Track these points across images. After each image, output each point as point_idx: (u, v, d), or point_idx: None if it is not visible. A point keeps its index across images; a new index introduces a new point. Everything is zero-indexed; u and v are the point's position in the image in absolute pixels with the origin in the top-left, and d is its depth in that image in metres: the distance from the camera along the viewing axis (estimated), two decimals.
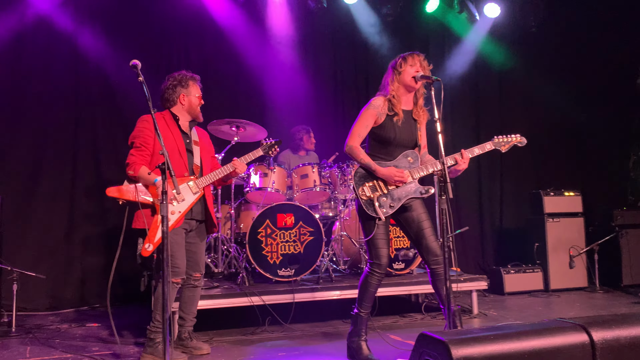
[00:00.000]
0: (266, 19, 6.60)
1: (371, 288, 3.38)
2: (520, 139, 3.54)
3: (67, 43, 5.80)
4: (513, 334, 2.19)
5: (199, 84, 3.80)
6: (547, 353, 2.16)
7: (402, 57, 3.43)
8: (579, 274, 6.16)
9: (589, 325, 2.25)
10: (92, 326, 4.71)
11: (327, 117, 6.84)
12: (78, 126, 5.82)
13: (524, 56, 7.30)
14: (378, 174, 3.31)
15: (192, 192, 3.55)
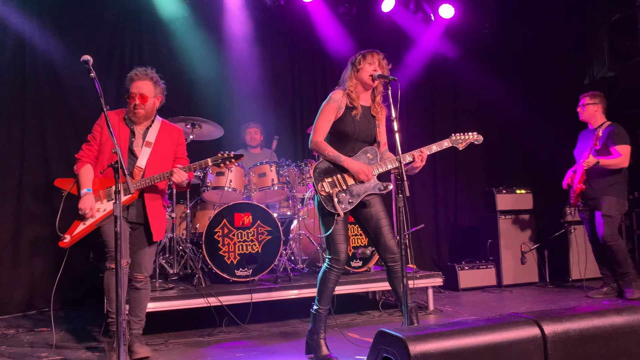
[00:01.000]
0: (222, 16, 6.53)
1: (330, 284, 3.39)
2: (477, 136, 3.63)
3: (14, 38, 5.57)
4: (468, 330, 2.23)
5: (135, 82, 3.64)
6: (502, 347, 2.21)
7: (361, 55, 3.46)
8: (530, 269, 6.35)
9: (540, 319, 2.32)
10: (41, 331, 4.55)
11: (285, 113, 6.82)
12: (25, 124, 5.59)
13: (476, 57, 7.47)
14: (346, 165, 3.32)
15: (123, 194, 3.35)
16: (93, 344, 4.02)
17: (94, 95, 5.69)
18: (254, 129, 5.99)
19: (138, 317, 3.68)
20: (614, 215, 5.10)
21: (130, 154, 3.58)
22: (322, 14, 6.94)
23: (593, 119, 5.35)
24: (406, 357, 2.06)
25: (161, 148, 3.69)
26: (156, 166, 3.63)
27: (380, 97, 3.54)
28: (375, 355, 2.30)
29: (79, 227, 3.43)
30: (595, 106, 5.31)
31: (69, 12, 5.84)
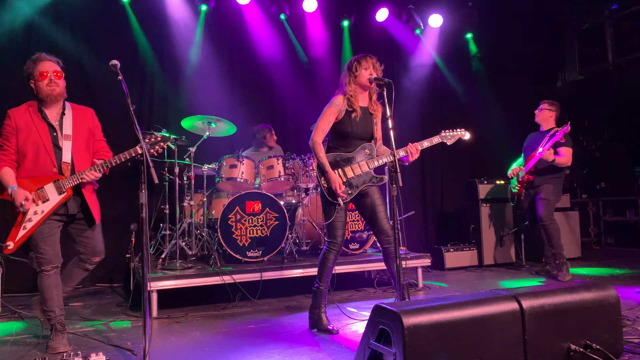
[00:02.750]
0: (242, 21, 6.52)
1: (329, 263, 3.42)
2: (464, 132, 3.62)
3: (48, 45, 5.54)
4: (455, 304, 2.25)
5: (40, 62, 3.19)
6: (484, 319, 2.23)
7: (356, 61, 3.44)
8: (508, 251, 6.37)
9: (519, 296, 2.34)
10: (74, 305, 4.57)
11: (290, 112, 6.81)
12: None
13: (459, 62, 7.47)
14: (328, 174, 3.31)
15: (57, 193, 3.12)
16: (122, 317, 4.03)
17: (120, 97, 5.70)
18: (272, 132, 5.96)
19: (71, 288, 3.44)
20: (552, 199, 5.26)
21: (56, 149, 3.17)
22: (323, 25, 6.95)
23: (546, 123, 5.46)
24: (400, 328, 2.08)
25: (80, 136, 3.30)
26: (81, 156, 3.28)
27: (376, 96, 3.53)
28: (372, 327, 2.31)
29: (20, 232, 3.05)
30: (550, 112, 5.45)
31: (97, 21, 5.81)
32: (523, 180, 5.41)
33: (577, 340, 2.35)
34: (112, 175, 5.71)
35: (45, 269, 3.18)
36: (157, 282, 4.01)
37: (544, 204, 5.21)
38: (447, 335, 2.15)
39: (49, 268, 3.19)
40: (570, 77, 7.92)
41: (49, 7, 5.53)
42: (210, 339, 3.32)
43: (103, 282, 5.61)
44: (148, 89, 6.07)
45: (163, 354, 3.00)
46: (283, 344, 3.14)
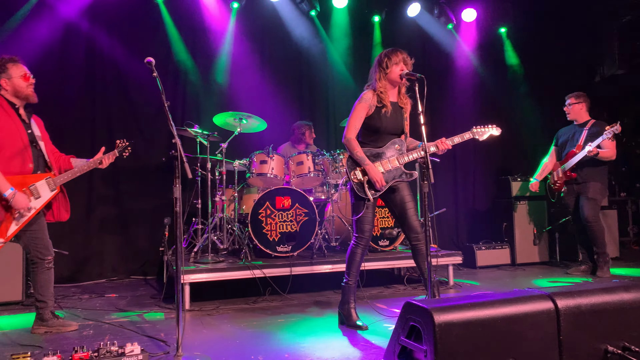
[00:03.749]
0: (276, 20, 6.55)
1: (357, 258, 3.42)
2: (496, 128, 3.56)
3: (86, 46, 5.71)
4: (487, 302, 2.21)
5: (20, 64, 3.27)
6: (517, 318, 2.18)
7: (386, 55, 3.39)
8: (541, 250, 6.24)
9: (554, 295, 2.28)
10: (110, 297, 4.70)
11: (320, 108, 6.81)
12: (95, 120, 5.75)
13: (493, 57, 7.32)
14: (367, 169, 3.31)
15: (49, 190, 3.22)
16: (155, 309, 4.12)
17: (153, 93, 5.82)
18: (312, 128, 5.98)
19: (52, 295, 3.44)
20: (598, 198, 5.18)
21: (33, 148, 3.22)
22: (353, 20, 6.92)
23: (579, 116, 5.36)
24: (431, 325, 2.06)
25: (45, 136, 3.42)
26: (52, 155, 3.39)
27: (405, 89, 3.49)
28: (403, 323, 2.30)
29: (12, 227, 3.08)
30: (580, 105, 5.34)
31: (132, 20, 5.93)
32: (564, 177, 5.29)
33: (615, 342, 2.28)
34: (146, 169, 5.89)
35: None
36: (190, 275, 4.08)
37: (591, 204, 5.13)
38: (479, 333, 2.12)
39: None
40: (609, 71, 7.64)
41: (87, 7, 5.68)
42: (241, 331, 3.37)
43: (137, 275, 5.75)
44: (181, 85, 6.17)
45: (195, 345, 3.05)
46: (313, 339, 3.16)
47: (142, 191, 5.88)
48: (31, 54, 5.40)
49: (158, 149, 5.94)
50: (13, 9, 5.39)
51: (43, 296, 3.39)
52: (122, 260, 5.77)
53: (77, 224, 5.57)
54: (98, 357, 2.49)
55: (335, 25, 6.88)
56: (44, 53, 5.47)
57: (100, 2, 5.72)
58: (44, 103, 5.41)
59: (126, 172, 5.82)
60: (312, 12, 6.68)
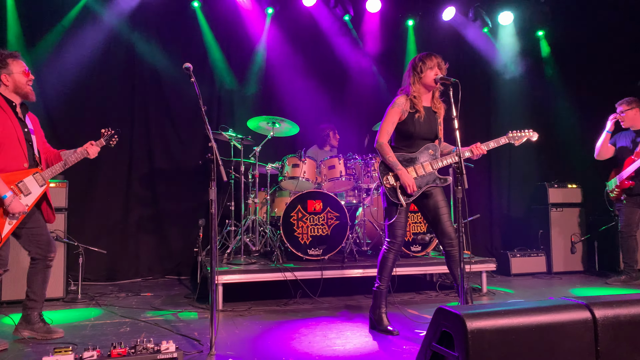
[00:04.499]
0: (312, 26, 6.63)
1: (389, 263, 3.41)
2: (533, 133, 3.51)
3: (125, 51, 5.90)
4: (522, 310, 2.18)
5: (20, 60, 3.22)
6: (553, 328, 2.15)
7: (421, 60, 3.36)
8: (579, 258, 6.07)
9: (591, 304, 2.23)
10: (145, 295, 4.82)
11: (352, 112, 6.84)
12: (134, 124, 5.92)
13: (530, 60, 7.18)
14: (399, 174, 3.30)
15: (39, 185, 3.19)
16: (189, 308, 4.21)
17: (190, 98, 5.95)
18: (336, 130, 6.02)
19: (44, 297, 3.39)
20: None
21: (28, 145, 3.20)
22: (386, 25, 6.93)
23: (635, 122, 5.20)
24: (463, 332, 2.04)
25: (38, 133, 3.38)
26: (43, 152, 3.38)
27: (439, 94, 3.47)
28: (434, 329, 2.29)
29: (6, 227, 3.04)
30: (634, 110, 5.17)
31: (171, 26, 6.10)
32: (621, 185, 5.13)
33: None
34: (181, 172, 6.03)
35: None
36: (223, 276, 4.16)
37: None
38: (513, 341, 2.09)
39: (1, 272, 3.19)
40: None
41: (128, 14, 5.88)
42: (272, 333, 3.41)
43: (172, 275, 5.89)
44: (216, 89, 6.31)
45: (228, 345, 3.11)
46: (343, 342, 3.17)
47: (177, 193, 6.03)
48: (76, 59, 5.64)
49: (193, 152, 6.08)
50: (60, 15, 5.63)
51: (35, 295, 3.32)
52: (157, 260, 5.93)
53: (114, 224, 5.76)
54: (135, 354, 2.57)
55: (369, 29, 6.89)
56: (88, 58, 5.70)
57: (140, 9, 5.91)
58: (86, 107, 5.69)
59: (162, 174, 5.98)
60: (345, 17, 6.72)
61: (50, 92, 5.49)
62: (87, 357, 2.50)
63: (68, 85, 5.59)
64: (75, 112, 5.63)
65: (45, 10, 5.58)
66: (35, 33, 5.53)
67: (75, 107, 5.64)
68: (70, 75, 5.60)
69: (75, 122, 5.62)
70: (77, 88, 5.63)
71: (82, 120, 5.62)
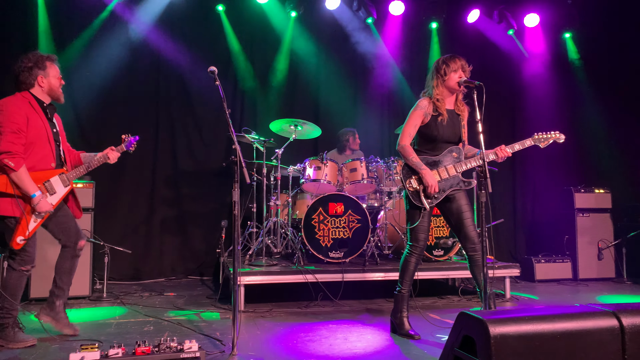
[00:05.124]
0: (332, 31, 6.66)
1: (410, 267, 3.39)
2: (559, 135, 3.45)
3: (150, 54, 6.01)
4: (546, 316, 2.15)
5: (56, 64, 3.31)
6: (578, 335, 2.11)
7: (444, 63, 3.33)
8: (607, 265, 5.94)
9: (619, 312, 2.19)
10: (169, 295, 4.89)
11: (374, 115, 6.83)
12: (158, 125, 6.02)
13: (556, 62, 7.07)
14: (422, 173, 3.28)
15: (64, 186, 3.26)
16: (211, 309, 4.26)
17: (213, 100, 6.01)
18: (357, 134, 6.00)
19: (69, 286, 3.42)
20: None
21: (56, 144, 3.27)
22: (410, 27, 6.90)
23: None
24: (486, 337, 2.02)
25: (62, 133, 3.43)
26: (68, 153, 3.43)
27: (462, 96, 3.44)
28: (456, 334, 2.27)
29: (31, 225, 3.09)
30: None
31: (196, 30, 6.19)
32: None
33: None
34: (205, 173, 6.10)
35: (26, 268, 3.19)
36: (245, 277, 4.20)
37: None
38: (537, 348, 2.06)
39: (29, 268, 3.21)
40: None
41: (154, 18, 5.99)
42: (294, 335, 3.42)
43: (194, 275, 5.96)
44: (239, 92, 6.37)
45: (249, 346, 3.14)
46: (364, 345, 3.17)
47: (200, 194, 6.11)
48: (104, 63, 5.77)
49: (216, 154, 6.16)
50: (88, 20, 5.77)
51: (62, 282, 3.37)
52: (180, 261, 6.01)
53: (139, 224, 5.86)
54: (159, 352, 2.62)
55: (392, 32, 6.88)
56: (115, 62, 5.81)
57: (166, 14, 6.02)
58: (113, 109, 5.81)
59: (186, 175, 6.07)
60: (368, 20, 6.73)
61: (78, 95, 5.63)
62: (112, 354, 2.55)
63: (95, 87, 5.71)
64: (102, 114, 5.75)
65: (75, 15, 5.72)
66: (64, 37, 5.67)
67: (103, 109, 5.76)
68: (97, 78, 5.73)
69: (102, 123, 5.74)
70: (104, 90, 5.75)
71: (109, 122, 5.73)
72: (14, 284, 3.16)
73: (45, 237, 3.47)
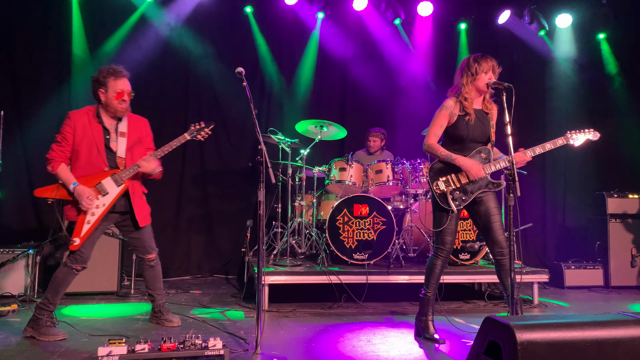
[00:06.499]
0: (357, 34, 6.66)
1: (436, 269, 3.35)
2: (594, 133, 3.34)
3: (181, 54, 6.10)
4: (576, 323, 2.11)
5: (120, 78, 3.43)
6: (609, 344, 2.06)
7: (476, 62, 3.25)
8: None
9: None
10: (194, 293, 4.96)
11: (400, 117, 6.78)
12: (187, 123, 6.09)
13: (588, 62, 6.90)
14: (458, 162, 3.23)
15: (116, 185, 3.33)
16: (235, 307, 4.30)
17: (241, 101, 6.06)
18: (374, 137, 5.96)
19: (159, 290, 3.68)
20: None
21: (107, 151, 3.38)
22: (438, 28, 6.85)
23: None
24: (513, 343, 1.99)
25: (134, 136, 3.52)
26: (134, 154, 3.48)
27: (489, 95, 3.36)
28: (482, 339, 2.24)
29: (85, 227, 3.24)
30: None
31: (224, 31, 6.27)
32: None
33: None
34: (232, 173, 6.16)
35: (76, 267, 3.32)
36: (269, 277, 4.22)
37: None
38: (566, 356, 2.02)
39: (79, 268, 3.33)
40: None
41: (183, 20, 6.09)
42: (317, 336, 3.43)
43: (219, 274, 6.03)
44: (266, 93, 6.42)
45: (273, 345, 3.15)
46: (387, 348, 3.15)
47: (227, 194, 6.18)
48: (135, 63, 5.87)
49: (243, 154, 6.22)
50: (120, 21, 5.91)
51: (148, 289, 3.67)
52: (206, 259, 6.09)
53: (167, 222, 5.95)
54: (184, 349, 2.66)
55: (420, 33, 6.83)
56: (145, 62, 5.90)
57: (195, 15, 6.11)
58: (144, 108, 5.86)
59: (213, 175, 6.15)
60: (396, 21, 6.70)
61: None
62: (139, 349, 2.60)
63: None
64: (133, 112, 5.86)
65: (108, 17, 5.87)
66: (97, 38, 5.82)
67: (134, 108, 5.86)
68: (129, 78, 5.84)
69: None
70: (136, 90, 5.85)
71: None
72: (60, 278, 3.32)
73: None
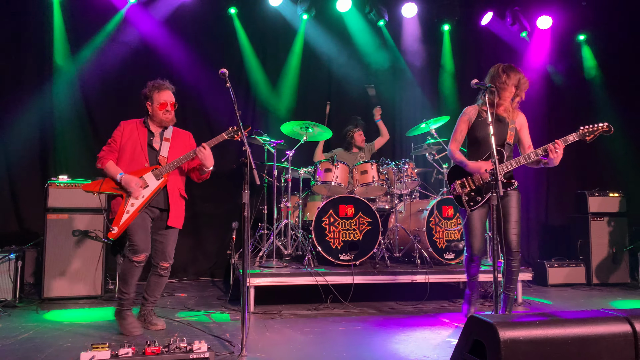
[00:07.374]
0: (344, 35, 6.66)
1: (469, 269, 3.67)
2: (608, 126, 3.35)
3: (165, 55, 6.05)
4: (558, 320, 2.12)
5: (164, 92, 3.63)
6: (590, 340, 2.08)
7: (505, 72, 3.41)
8: (621, 270, 5.85)
9: (632, 317, 2.15)
10: (179, 296, 4.92)
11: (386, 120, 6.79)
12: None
13: (570, 65, 7.00)
14: (468, 168, 3.47)
15: (156, 179, 3.49)
16: (221, 310, 4.27)
17: (225, 102, 6.02)
18: (360, 132, 6.01)
19: (154, 298, 3.70)
20: None
21: (150, 149, 3.57)
22: (421, 29, 6.88)
23: None
24: (496, 342, 2.00)
25: (177, 144, 3.70)
26: (175, 156, 3.61)
27: (516, 104, 3.53)
28: (466, 338, 2.25)
29: (124, 216, 3.37)
30: None
31: (208, 32, 6.24)
32: None
33: None
34: (217, 175, 6.11)
35: (136, 258, 3.45)
36: (255, 279, 4.20)
37: None
38: (548, 353, 2.03)
39: (139, 258, 3.45)
40: None
41: (165, 20, 6.04)
42: (303, 337, 3.42)
43: (205, 276, 5.99)
44: (252, 94, 6.40)
45: (259, 347, 3.14)
46: (374, 348, 3.16)
47: (212, 196, 6.13)
48: (117, 64, 5.84)
49: (228, 155, 6.18)
50: (102, 22, 5.85)
51: (149, 296, 3.67)
52: (191, 262, 6.04)
53: None
54: (168, 352, 2.63)
55: (404, 34, 6.87)
56: (128, 62, 5.88)
57: (178, 17, 6.07)
58: (126, 109, 5.83)
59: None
60: (380, 22, 6.72)
61: (92, 94, 5.73)
62: (122, 354, 2.57)
63: (110, 91, 5.79)
64: (116, 114, 5.78)
65: (89, 18, 5.80)
66: (80, 39, 5.75)
67: (116, 110, 5.80)
68: (111, 79, 5.81)
69: (114, 122, 5.78)
70: (118, 92, 5.82)
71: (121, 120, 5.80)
72: (124, 271, 3.51)
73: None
